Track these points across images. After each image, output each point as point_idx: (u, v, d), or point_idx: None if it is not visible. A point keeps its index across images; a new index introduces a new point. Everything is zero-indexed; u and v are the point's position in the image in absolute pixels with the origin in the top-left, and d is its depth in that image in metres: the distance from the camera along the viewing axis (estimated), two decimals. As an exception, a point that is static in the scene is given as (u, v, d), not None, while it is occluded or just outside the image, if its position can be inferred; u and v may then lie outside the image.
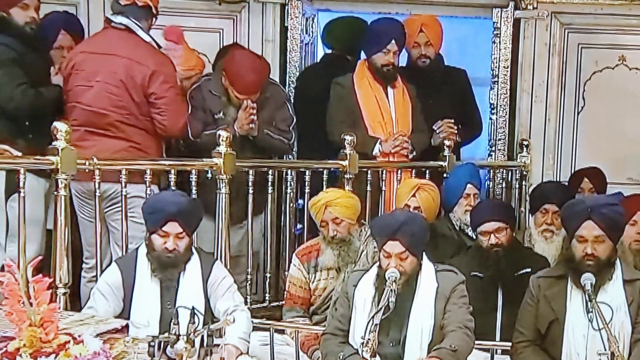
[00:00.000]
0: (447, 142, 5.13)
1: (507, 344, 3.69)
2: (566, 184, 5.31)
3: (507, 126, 5.90)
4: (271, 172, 4.62)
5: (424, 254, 3.53)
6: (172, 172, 4.17)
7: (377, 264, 3.54)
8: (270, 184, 4.62)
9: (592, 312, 3.21)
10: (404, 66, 5.25)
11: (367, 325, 3.13)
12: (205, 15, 5.53)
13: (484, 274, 4.03)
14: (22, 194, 3.66)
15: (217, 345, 3.42)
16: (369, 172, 4.83)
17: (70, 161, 3.74)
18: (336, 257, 4.13)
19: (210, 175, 4.37)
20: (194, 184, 4.25)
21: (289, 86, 5.56)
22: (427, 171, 5.06)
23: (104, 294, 3.64)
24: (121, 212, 4.07)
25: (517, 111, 5.88)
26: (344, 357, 3.43)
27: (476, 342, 3.46)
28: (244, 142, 4.59)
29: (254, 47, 5.33)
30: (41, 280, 2.54)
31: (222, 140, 4.24)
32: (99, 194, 4.01)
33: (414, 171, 5.01)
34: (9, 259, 2.81)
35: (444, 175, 5.07)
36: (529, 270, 3.90)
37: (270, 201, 4.70)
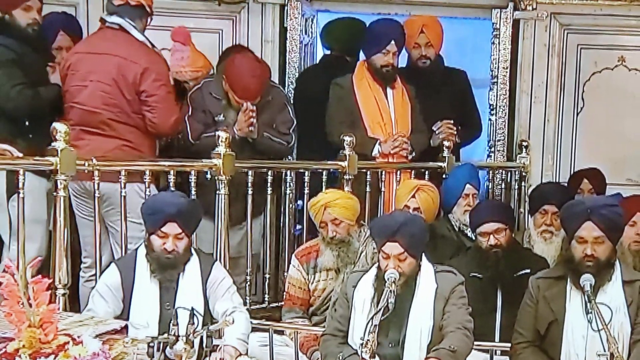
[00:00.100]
0: (447, 143, 5.12)
1: (507, 344, 3.69)
2: (565, 184, 5.31)
3: (507, 127, 5.89)
4: (270, 173, 4.60)
5: (423, 255, 3.52)
6: (172, 172, 4.16)
7: (376, 265, 3.53)
8: (269, 185, 4.61)
9: (591, 313, 3.21)
10: (404, 67, 5.24)
11: (367, 326, 3.13)
12: (204, 15, 5.54)
13: (483, 275, 4.03)
14: (21, 195, 3.66)
15: (217, 346, 3.42)
16: (368, 173, 4.83)
17: (69, 162, 3.74)
18: (335, 258, 4.13)
19: (209, 176, 4.37)
20: (193, 184, 4.24)
21: (288, 87, 5.57)
22: (427, 172, 5.05)
23: (103, 296, 3.63)
24: (120, 213, 4.06)
25: (516, 112, 5.88)
26: (343, 357, 3.42)
27: (475, 343, 3.45)
28: (244, 144, 4.58)
29: (253, 48, 5.33)
30: (40, 281, 2.54)
31: (221, 141, 4.23)
32: (98, 195, 4.00)
33: (413, 172, 5.01)
34: (10, 259, 2.81)
35: (443, 176, 5.06)
36: (528, 271, 3.89)
37: (269, 202, 4.69)
